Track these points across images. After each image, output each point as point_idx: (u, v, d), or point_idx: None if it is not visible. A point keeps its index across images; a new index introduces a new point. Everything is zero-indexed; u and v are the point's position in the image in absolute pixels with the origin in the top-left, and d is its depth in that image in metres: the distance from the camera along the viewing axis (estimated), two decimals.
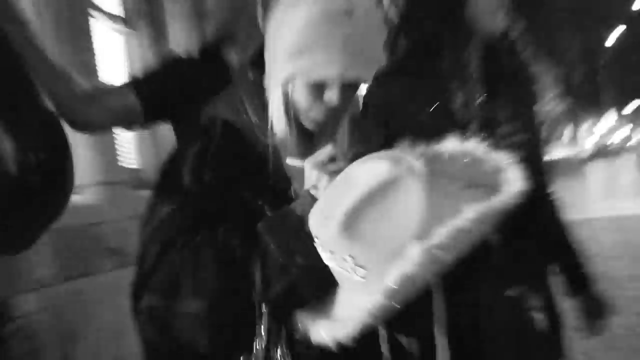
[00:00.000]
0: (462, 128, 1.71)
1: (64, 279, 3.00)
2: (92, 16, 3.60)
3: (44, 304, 2.82)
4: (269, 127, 1.23)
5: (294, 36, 1.16)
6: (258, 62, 1.27)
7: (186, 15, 4.23)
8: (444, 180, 1.12)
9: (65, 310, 2.98)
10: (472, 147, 1.15)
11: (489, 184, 1.10)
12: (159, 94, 1.83)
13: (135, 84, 1.83)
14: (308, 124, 1.23)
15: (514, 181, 1.08)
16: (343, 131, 1.28)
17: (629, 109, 57.05)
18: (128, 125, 1.87)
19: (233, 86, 1.31)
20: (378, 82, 1.64)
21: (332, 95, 1.18)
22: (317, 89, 1.18)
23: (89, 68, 3.35)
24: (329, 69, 1.15)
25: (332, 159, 1.14)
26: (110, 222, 3.39)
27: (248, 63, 1.32)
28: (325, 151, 1.15)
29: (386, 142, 1.20)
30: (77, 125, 1.73)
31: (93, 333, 3.12)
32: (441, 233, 0.97)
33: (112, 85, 1.90)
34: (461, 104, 1.76)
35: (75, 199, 3.10)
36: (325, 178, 1.12)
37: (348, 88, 1.19)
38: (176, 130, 1.88)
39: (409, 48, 1.79)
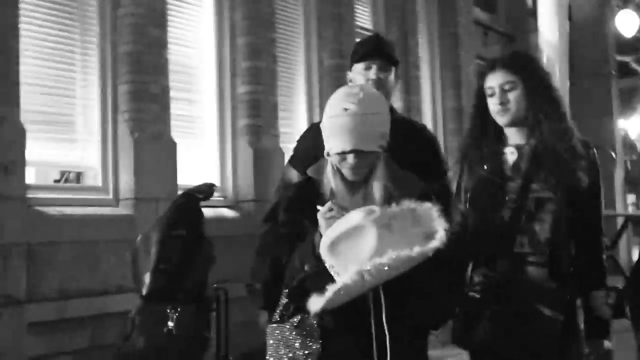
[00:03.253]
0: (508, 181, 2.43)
1: None
2: None
3: None
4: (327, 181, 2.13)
5: (324, 131, 2.09)
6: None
7: None
8: (400, 228, 1.89)
9: None
10: (422, 207, 1.95)
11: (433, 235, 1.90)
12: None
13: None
14: (348, 178, 2.08)
15: (435, 239, 1.87)
16: (374, 180, 2.07)
17: None
18: None
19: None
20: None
21: (349, 160, 2.03)
22: (342, 156, 2.03)
23: None
24: (338, 146, 2.02)
25: (330, 210, 1.97)
26: None
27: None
28: (326, 206, 1.99)
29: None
30: None
31: None
32: (374, 263, 1.82)
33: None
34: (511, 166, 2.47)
35: None
36: (324, 222, 1.97)
37: (360, 154, 2.01)
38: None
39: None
